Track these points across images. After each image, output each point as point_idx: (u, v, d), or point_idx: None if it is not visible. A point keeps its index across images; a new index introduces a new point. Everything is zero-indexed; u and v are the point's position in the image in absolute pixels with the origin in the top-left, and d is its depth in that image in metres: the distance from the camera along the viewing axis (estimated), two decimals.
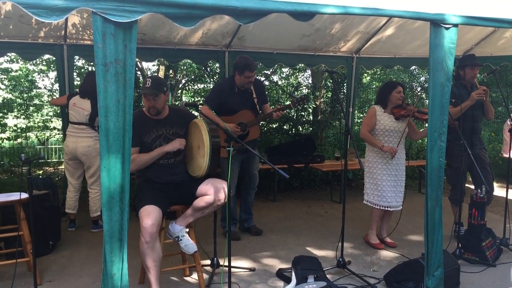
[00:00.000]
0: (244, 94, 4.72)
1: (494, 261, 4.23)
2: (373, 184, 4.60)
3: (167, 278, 3.84)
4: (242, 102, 4.71)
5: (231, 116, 4.64)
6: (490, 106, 4.71)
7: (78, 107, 4.93)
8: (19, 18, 4.83)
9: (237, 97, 4.69)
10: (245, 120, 4.67)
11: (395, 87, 4.56)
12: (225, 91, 4.71)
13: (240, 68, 4.58)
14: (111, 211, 2.57)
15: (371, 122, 4.55)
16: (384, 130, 4.52)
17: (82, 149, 4.88)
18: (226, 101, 4.65)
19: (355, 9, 2.92)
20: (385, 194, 4.53)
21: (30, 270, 3.86)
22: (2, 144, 8.35)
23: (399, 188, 4.60)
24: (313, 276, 3.51)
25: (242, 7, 2.61)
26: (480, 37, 6.31)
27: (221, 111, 4.58)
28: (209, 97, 4.83)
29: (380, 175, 4.52)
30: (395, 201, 4.57)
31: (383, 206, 4.56)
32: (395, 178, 4.56)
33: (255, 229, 5.09)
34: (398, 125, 4.54)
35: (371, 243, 4.72)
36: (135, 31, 2.50)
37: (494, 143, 9.53)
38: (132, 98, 2.57)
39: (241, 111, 4.68)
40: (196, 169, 3.51)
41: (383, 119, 4.54)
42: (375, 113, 4.57)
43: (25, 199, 3.62)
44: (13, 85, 9.78)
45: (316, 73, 9.94)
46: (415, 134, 4.75)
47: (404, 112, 4.49)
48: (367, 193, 4.67)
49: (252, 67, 4.58)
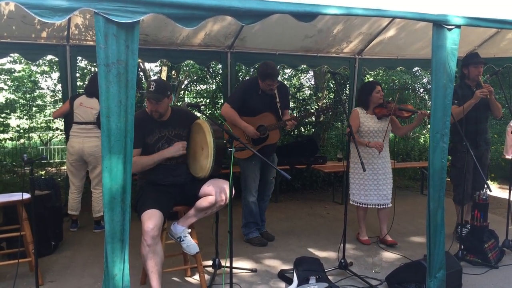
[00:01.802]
0: (268, 96, 4.64)
1: (496, 263, 4.21)
2: (358, 184, 4.68)
3: (169, 278, 3.84)
4: (265, 104, 4.63)
5: (253, 117, 4.60)
6: (497, 104, 4.69)
7: (85, 106, 4.91)
8: (22, 18, 4.84)
9: (260, 99, 4.62)
10: (266, 123, 4.61)
11: (374, 87, 4.63)
12: (249, 91, 4.63)
13: (262, 76, 4.51)
14: (113, 212, 2.56)
15: (354, 124, 4.61)
16: (368, 132, 4.61)
17: (89, 149, 4.88)
18: (248, 102, 4.59)
19: (358, 10, 2.91)
20: (370, 192, 4.63)
21: (32, 270, 3.86)
22: (5, 145, 8.37)
23: (386, 186, 4.66)
24: (315, 277, 3.51)
25: (244, 8, 2.60)
26: (483, 38, 6.30)
27: (242, 111, 4.56)
28: (232, 96, 4.80)
29: (367, 175, 4.60)
30: (383, 199, 4.64)
31: (367, 204, 4.66)
32: (382, 176, 4.63)
33: (267, 235, 4.98)
34: (381, 124, 4.62)
35: (361, 240, 4.84)
36: (137, 32, 2.49)
37: (496, 144, 9.51)
38: (134, 99, 2.57)
39: (263, 114, 4.62)
40: (199, 170, 3.51)
41: (366, 121, 4.62)
42: (358, 115, 4.65)
43: (27, 200, 3.62)
44: (16, 85, 9.83)
45: (319, 74, 9.95)
46: (398, 129, 4.83)
47: (385, 111, 4.57)
48: (353, 193, 4.75)
49: (273, 76, 4.48)
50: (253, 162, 4.68)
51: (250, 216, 4.82)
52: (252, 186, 4.75)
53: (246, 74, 9.95)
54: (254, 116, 4.61)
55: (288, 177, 3.07)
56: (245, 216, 4.86)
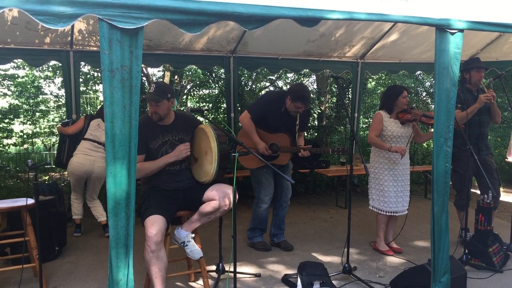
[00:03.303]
0: (289, 116, 4.50)
1: (501, 267, 4.20)
2: (378, 190, 4.58)
3: (172, 283, 3.84)
4: (284, 124, 4.51)
5: (269, 133, 4.52)
6: (497, 109, 4.69)
7: (102, 129, 4.90)
8: (26, 24, 4.87)
9: (281, 117, 4.49)
10: (280, 144, 4.51)
11: (401, 92, 4.50)
12: (273, 106, 4.48)
13: (295, 97, 4.32)
14: (117, 217, 2.57)
15: (378, 127, 4.51)
16: (391, 136, 4.49)
17: (99, 169, 4.89)
18: (268, 117, 4.47)
19: (360, 14, 2.91)
20: (390, 199, 4.51)
21: (36, 275, 3.87)
22: (9, 150, 8.40)
23: (404, 192, 4.57)
24: (319, 282, 3.50)
25: (247, 13, 2.61)
26: (486, 42, 6.30)
27: (260, 124, 4.47)
28: (255, 106, 4.60)
29: (386, 181, 4.50)
30: (402, 205, 4.55)
31: (388, 212, 4.54)
32: (401, 183, 4.54)
33: (285, 244, 4.82)
34: (404, 130, 4.52)
35: (380, 250, 4.69)
36: (141, 38, 2.50)
37: (500, 148, 9.49)
38: (138, 104, 2.57)
39: (280, 133, 4.50)
40: (203, 175, 3.50)
41: (389, 125, 4.52)
42: (382, 119, 4.53)
43: (32, 205, 3.64)
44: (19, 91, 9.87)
45: (321, 78, 9.96)
46: (420, 137, 4.72)
47: (410, 117, 4.45)
48: (373, 198, 4.65)
49: (306, 100, 4.34)
50: (264, 169, 4.59)
51: (258, 223, 4.76)
52: (264, 193, 4.64)
53: (248, 78, 9.98)
54: (270, 133, 4.51)
55: (291, 181, 3.08)
56: (253, 221, 4.79)
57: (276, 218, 4.86)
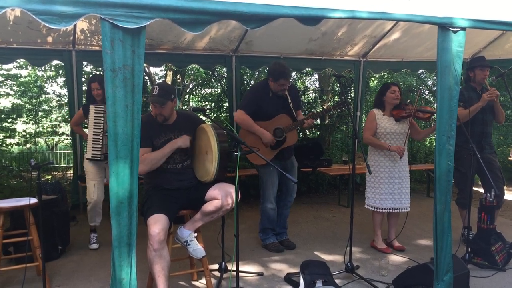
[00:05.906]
0: (280, 98, 4.51)
1: (504, 265, 4.19)
2: (374, 187, 4.58)
3: (175, 282, 3.84)
4: (278, 106, 4.51)
5: (267, 121, 4.49)
6: (501, 109, 4.68)
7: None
8: (28, 24, 4.88)
9: (273, 102, 4.49)
10: (282, 125, 4.49)
11: (389, 87, 4.52)
12: (260, 95, 4.50)
13: (275, 76, 4.37)
14: (120, 216, 2.57)
15: (372, 126, 4.52)
16: (385, 133, 4.49)
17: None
18: (261, 106, 4.47)
19: (362, 13, 2.91)
20: (385, 196, 4.52)
21: (40, 274, 3.88)
22: (11, 150, 8.41)
23: (402, 189, 4.57)
24: (321, 281, 3.50)
25: (250, 12, 2.61)
26: (488, 40, 6.29)
27: (256, 116, 4.45)
28: (245, 102, 4.58)
29: (381, 178, 4.52)
30: (399, 202, 4.55)
31: (383, 209, 4.55)
32: (398, 180, 4.53)
33: (288, 242, 4.83)
34: (399, 127, 4.51)
35: (378, 248, 4.70)
36: (143, 37, 2.51)
37: (503, 146, 9.47)
38: (141, 104, 2.58)
39: (278, 116, 4.50)
40: (204, 174, 3.51)
41: (383, 122, 4.52)
42: (375, 117, 4.54)
43: (35, 204, 3.64)
44: (22, 90, 9.88)
45: (323, 77, 9.94)
46: (417, 133, 4.70)
47: (404, 113, 4.45)
48: (368, 197, 4.66)
49: (287, 75, 4.37)
50: (270, 168, 4.55)
51: (267, 222, 4.73)
52: (270, 192, 4.62)
53: (250, 77, 9.96)
54: (269, 120, 4.49)
55: (294, 180, 3.08)
56: (262, 221, 4.75)
57: (280, 217, 4.85)
